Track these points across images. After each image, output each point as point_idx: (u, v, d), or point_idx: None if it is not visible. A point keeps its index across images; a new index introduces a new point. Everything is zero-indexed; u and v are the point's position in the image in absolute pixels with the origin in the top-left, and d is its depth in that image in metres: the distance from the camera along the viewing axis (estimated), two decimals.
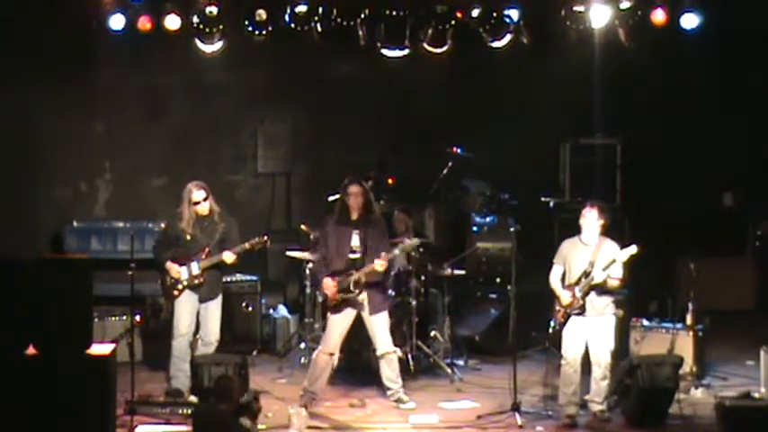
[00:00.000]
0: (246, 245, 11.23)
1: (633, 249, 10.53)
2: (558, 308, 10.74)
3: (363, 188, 10.91)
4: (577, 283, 10.64)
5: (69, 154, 15.04)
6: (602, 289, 10.62)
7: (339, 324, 10.96)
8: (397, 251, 11.01)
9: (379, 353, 11.07)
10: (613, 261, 10.55)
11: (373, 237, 10.89)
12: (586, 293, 10.62)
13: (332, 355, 10.95)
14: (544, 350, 11.69)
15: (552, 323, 10.82)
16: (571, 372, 10.68)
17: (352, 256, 10.92)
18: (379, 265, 10.73)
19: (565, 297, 10.68)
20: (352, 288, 10.80)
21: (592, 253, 10.65)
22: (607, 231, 10.75)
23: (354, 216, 10.92)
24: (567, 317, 10.70)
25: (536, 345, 12.34)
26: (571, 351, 10.70)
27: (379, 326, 10.97)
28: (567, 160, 15.07)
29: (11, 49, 13.73)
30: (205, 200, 11.24)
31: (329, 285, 10.88)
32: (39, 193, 14.89)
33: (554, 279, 10.80)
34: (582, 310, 10.64)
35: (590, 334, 10.66)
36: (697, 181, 14.94)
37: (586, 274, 10.61)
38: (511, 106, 14.95)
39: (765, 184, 14.86)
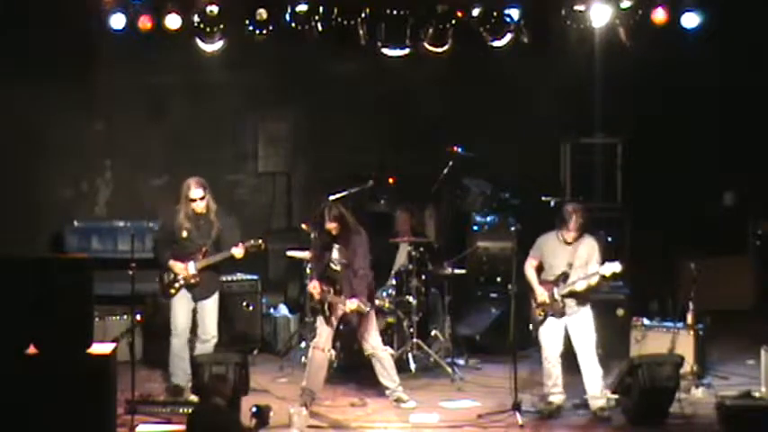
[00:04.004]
0: (242, 246, 11.23)
1: (617, 267, 10.59)
2: (534, 304, 10.81)
3: (337, 221, 10.94)
4: (555, 282, 10.71)
5: (69, 154, 15.02)
6: (579, 293, 10.72)
7: (327, 321, 11.03)
8: (359, 308, 10.99)
9: (366, 354, 11.14)
10: (596, 274, 10.59)
11: (349, 256, 10.95)
12: (565, 296, 10.69)
13: (325, 350, 10.97)
14: None
15: (531, 324, 10.91)
16: (550, 366, 10.84)
17: (333, 267, 11.08)
18: (348, 308, 10.89)
19: (541, 294, 10.79)
20: (325, 308, 11.00)
21: (570, 253, 10.73)
22: (608, 231, 10.79)
23: (333, 234, 11.02)
24: (544, 314, 10.77)
25: (536, 344, 12.35)
26: (551, 349, 10.86)
27: (363, 334, 11.05)
28: (568, 160, 15.05)
29: (11, 48, 13.72)
30: (202, 198, 11.23)
31: (313, 289, 11.07)
32: (39, 193, 14.87)
33: (529, 272, 10.93)
34: (561, 314, 10.72)
35: (571, 330, 10.82)
36: (697, 181, 14.93)
37: (564, 276, 10.69)
38: (511, 106, 14.93)
39: (765, 184, 14.85)
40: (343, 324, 11.19)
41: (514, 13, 13.04)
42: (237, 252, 11.21)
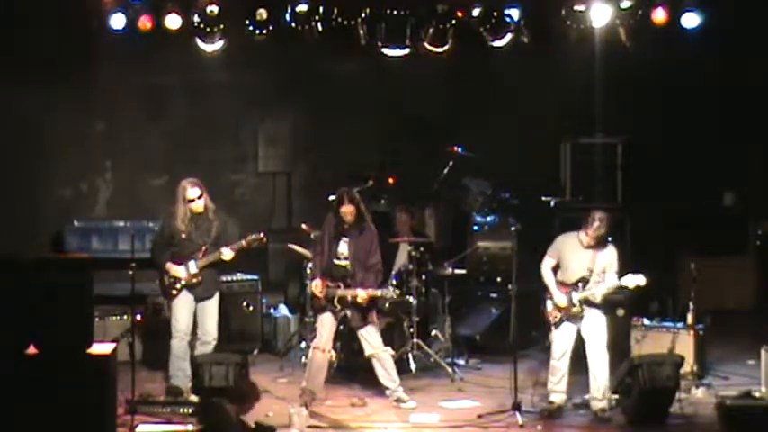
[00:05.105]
0: (243, 242, 11.21)
1: (641, 281, 10.57)
2: (551, 306, 10.78)
3: (355, 204, 10.95)
4: (574, 286, 10.68)
5: (69, 154, 15.04)
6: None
7: (329, 321, 11.03)
8: (383, 293, 10.98)
9: (366, 355, 11.13)
10: (618, 285, 10.59)
11: (360, 247, 10.96)
12: (584, 302, 10.67)
13: (326, 351, 10.96)
14: (545, 349, 11.70)
15: (545, 325, 10.90)
16: (558, 364, 10.81)
17: (337, 262, 11.05)
18: (360, 297, 10.85)
19: (560, 298, 10.73)
20: (335, 303, 10.92)
21: (590, 259, 10.68)
22: (609, 230, 10.77)
23: (346, 225, 10.97)
24: (561, 319, 10.75)
25: (537, 344, 12.36)
26: (561, 347, 10.82)
27: (364, 332, 11.04)
28: (568, 160, 15.06)
29: (11, 48, 13.72)
30: (199, 197, 11.20)
31: (316, 287, 11.01)
32: (39, 193, 14.88)
33: (547, 272, 10.85)
34: (578, 316, 10.71)
35: (584, 330, 10.77)
36: (697, 181, 14.93)
37: (584, 281, 10.67)
38: (511, 106, 14.94)
39: (765, 184, 14.85)
40: (344, 323, 11.20)
41: (514, 13, 13.05)
42: (227, 254, 11.17)
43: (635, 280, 10.59)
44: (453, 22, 13.03)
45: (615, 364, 11.10)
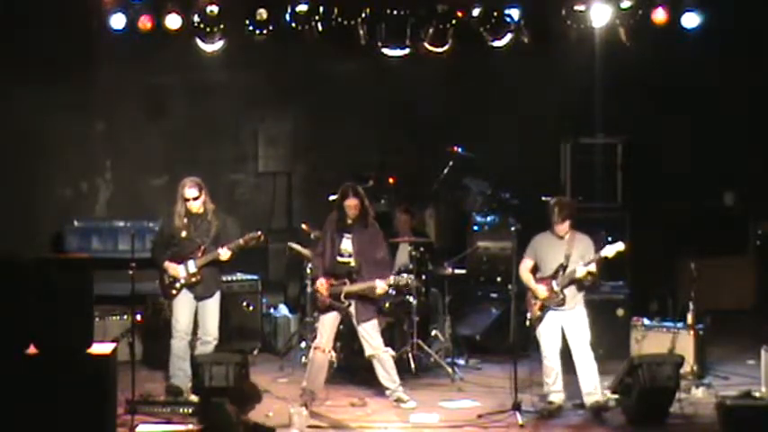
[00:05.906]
0: (240, 241, 11.19)
1: (620, 246, 10.66)
2: (533, 301, 10.84)
3: (360, 198, 10.95)
4: (554, 276, 10.74)
5: (69, 154, 15.02)
6: (580, 283, 10.71)
7: (330, 321, 11.03)
8: (398, 280, 11.01)
9: (366, 355, 11.12)
10: (598, 257, 10.62)
11: (365, 242, 10.95)
12: (565, 287, 10.70)
13: (326, 351, 10.96)
14: None
15: (528, 318, 10.92)
16: (550, 364, 10.86)
17: (340, 259, 11.04)
18: (380, 288, 10.83)
19: (541, 290, 10.81)
20: (342, 298, 10.92)
21: (567, 246, 10.76)
22: (608, 231, 10.81)
23: (349, 221, 10.96)
24: (543, 310, 10.79)
25: (536, 343, 12.35)
26: (549, 346, 10.87)
27: (365, 332, 11.03)
28: (568, 160, 15.04)
29: (11, 48, 13.71)
30: (196, 198, 11.17)
31: (321, 287, 10.99)
32: (39, 193, 14.87)
33: (526, 272, 10.92)
34: (562, 304, 10.74)
35: (567, 328, 10.83)
36: (697, 181, 14.93)
37: (563, 268, 10.73)
38: (511, 106, 14.93)
39: (765, 184, 14.85)
40: (345, 323, 11.20)
41: (514, 13, 13.06)
42: (223, 253, 11.16)
43: (614, 248, 10.67)
44: (453, 22, 13.04)
45: (615, 364, 11.12)
